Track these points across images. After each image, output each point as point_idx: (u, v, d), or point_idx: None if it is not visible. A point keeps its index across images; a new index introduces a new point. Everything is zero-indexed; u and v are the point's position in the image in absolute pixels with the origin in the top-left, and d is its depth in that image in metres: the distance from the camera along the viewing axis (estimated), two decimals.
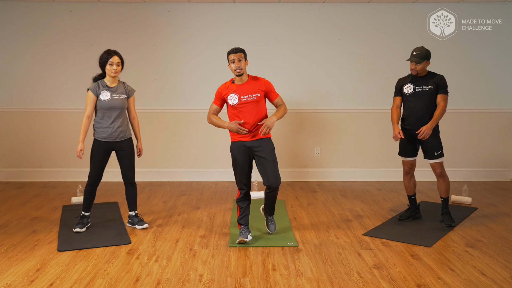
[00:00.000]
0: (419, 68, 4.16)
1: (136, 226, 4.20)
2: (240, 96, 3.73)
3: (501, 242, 3.84)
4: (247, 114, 3.73)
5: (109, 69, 3.98)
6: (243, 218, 3.88)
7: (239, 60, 3.70)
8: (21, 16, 5.99)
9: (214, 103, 3.90)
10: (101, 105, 3.99)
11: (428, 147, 4.22)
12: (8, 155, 6.20)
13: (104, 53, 3.99)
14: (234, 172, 3.91)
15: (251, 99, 3.73)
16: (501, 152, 6.26)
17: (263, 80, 3.83)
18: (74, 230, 4.05)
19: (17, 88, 6.09)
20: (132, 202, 4.24)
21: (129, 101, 4.16)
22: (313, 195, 5.50)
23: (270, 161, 3.75)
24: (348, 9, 6.05)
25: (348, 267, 3.33)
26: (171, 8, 6.03)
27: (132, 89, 4.20)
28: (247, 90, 3.75)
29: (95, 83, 4.03)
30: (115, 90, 4.03)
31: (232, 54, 3.72)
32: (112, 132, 4.03)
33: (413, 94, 4.22)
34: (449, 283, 3.05)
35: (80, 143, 4.00)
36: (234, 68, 3.71)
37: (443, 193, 4.32)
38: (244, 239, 3.77)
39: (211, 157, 6.24)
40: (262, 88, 3.79)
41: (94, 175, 4.07)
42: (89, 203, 4.14)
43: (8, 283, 3.05)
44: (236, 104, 3.74)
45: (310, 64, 6.14)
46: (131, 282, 3.08)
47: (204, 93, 6.13)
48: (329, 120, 6.22)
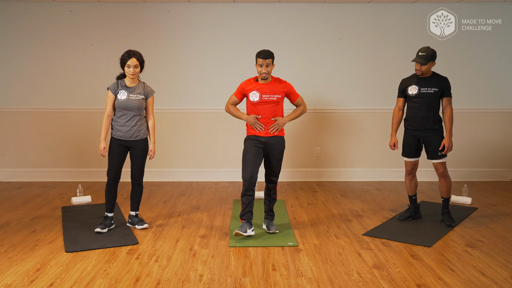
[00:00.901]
0: (424, 69, 4.16)
1: (136, 226, 4.19)
2: (261, 95, 3.90)
3: (501, 242, 3.84)
4: (265, 112, 3.91)
5: (126, 71, 3.99)
6: (246, 214, 3.91)
7: (267, 66, 3.85)
8: (21, 16, 5.99)
9: (235, 95, 4.05)
10: (118, 104, 4.01)
11: (432, 147, 4.22)
12: (8, 155, 6.20)
13: (124, 54, 3.99)
14: (242, 163, 3.94)
15: (272, 99, 3.91)
16: (501, 152, 6.27)
17: (285, 83, 4.02)
18: (95, 230, 4.01)
19: (17, 88, 6.10)
20: (135, 202, 4.23)
21: (147, 102, 4.14)
22: (313, 195, 5.51)
23: (278, 160, 3.98)
24: (348, 9, 6.05)
25: (348, 267, 3.33)
26: (171, 8, 6.03)
27: (152, 90, 4.18)
28: (270, 90, 3.92)
29: (115, 82, 4.06)
30: (133, 90, 4.04)
31: (261, 58, 3.84)
32: (127, 131, 4.03)
33: (417, 96, 4.21)
34: (449, 283, 3.05)
35: (102, 141, 4.04)
36: (260, 72, 3.88)
37: (444, 193, 4.32)
38: (240, 232, 3.81)
39: (211, 157, 6.25)
40: (283, 90, 3.97)
41: (112, 173, 4.06)
42: (111, 202, 4.11)
43: (8, 283, 3.05)
44: (256, 102, 3.91)
45: (310, 64, 6.14)
46: (131, 282, 3.08)
47: (204, 93, 6.14)
48: (329, 120, 6.22)
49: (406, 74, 6.40)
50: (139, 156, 4.14)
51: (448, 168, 4.70)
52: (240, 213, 3.97)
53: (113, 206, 4.14)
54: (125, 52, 4.01)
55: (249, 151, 3.90)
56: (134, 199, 4.23)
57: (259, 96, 3.89)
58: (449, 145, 4.15)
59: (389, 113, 6.17)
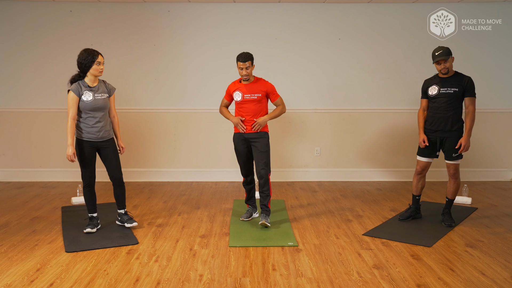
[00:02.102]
0: (448, 65, 4.10)
1: (126, 224, 4.18)
2: (243, 94, 4.23)
3: (501, 242, 3.84)
4: (248, 110, 4.24)
5: (96, 68, 3.88)
6: (250, 199, 4.52)
7: (246, 68, 4.15)
8: (21, 16, 5.99)
9: (225, 97, 4.45)
10: (84, 106, 3.90)
11: (449, 147, 4.18)
12: (8, 155, 6.20)
13: (86, 54, 3.86)
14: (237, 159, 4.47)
15: (253, 98, 4.22)
16: (501, 152, 6.27)
17: (266, 83, 4.29)
18: (84, 231, 4.01)
19: (17, 88, 6.10)
20: (121, 201, 4.20)
21: (110, 99, 4.07)
22: (313, 195, 5.50)
23: (262, 151, 4.23)
24: (348, 9, 6.05)
25: (348, 267, 3.33)
26: (171, 8, 6.03)
27: (113, 87, 4.12)
28: (251, 89, 4.23)
29: (76, 84, 3.90)
30: (96, 90, 3.95)
31: (240, 62, 4.13)
32: (97, 132, 3.95)
33: (437, 96, 4.17)
34: (449, 283, 3.05)
35: (70, 146, 3.86)
36: (241, 74, 4.18)
37: (450, 194, 4.31)
38: (243, 219, 4.41)
39: (211, 157, 6.25)
40: (264, 89, 4.25)
41: (87, 176, 4.02)
42: (92, 203, 4.11)
43: (8, 283, 3.05)
44: (239, 101, 4.25)
45: (310, 64, 6.14)
46: (131, 282, 3.08)
47: (204, 93, 6.13)
48: (329, 120, 6.22)
49: (406, 74, 6.41)
50: (113, 155, 4.07)
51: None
52: (245, 200, 4.55)
53: (96, 207, 4.15)
54: (86, 53, 3.86)
55: (238, 152, 4.37)
56: (119, 198, 4.19)
57: (241, 96, 4.22)
58: (466, 144, 4.09)
59: (389, 113, 6.21)
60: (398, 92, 6.15)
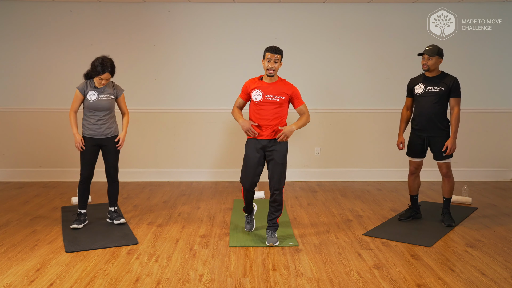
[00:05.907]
0: (431, 63, 4.09)
1: (114, 221, 4.26)
2: (264, 94, 3.69)
3: (501, 242, 3.84)
4: (267, 113, 3.69)
5: (97, 81, 4.02)
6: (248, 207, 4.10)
7: (274, 61, 3.64)
8: (21, 16, 5.99)
9: (240, 96, 3.87)
10: (87, 104, 4.05)
11: (436, 148, 4.19)
12: (8, 155, 6.20)
13: (99, 65, 3.91)
14: (242, 169, 3.84)
15: (275, 99, 3.69)
16: (501, 152, 6.27)
17: (291, 85, 3.77)
18: (71, 227, 4.10)
19: (17, 88, 6.10)
20: (113, 199, 4.30)
21: (119, 100, 4.19)
22: (313, 195, 5.50)
23: (278, 163, 3.72)
24: (348, 9, 6.05)
25: (348, 267, 3.33)
26: (171, 8, 6.03)
27: (121, 89, 4.20)
28: (273, 90, 3.70)
29: (84, 83, 4.06)
30: (102, 91, 4.06)
31: (270, 52, 3.63)
32: (97, 129, 4.07)
33: (423, 94, 4.17)
34: (449, 283, 3.05)
35: (75, 135, 4.04)
36: (267, 67, 3.66)
37: (446, 194, 4.31)
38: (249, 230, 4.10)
39: (211, 157, 6.25)
40: (288, 92, 3.73)
41: (85, 171, 4.12)
42: (84, 200, 4.19)
43: (8, 283, 3.05)
44: (259, 101, 3.70)
45: (310, 64, 6.14)
46: (131, 282, 3.08)
47: (204, 93, 6.13)
48: (329, 120, 6.22)
49: (406, 74, 6.40)
50: (112, 153, 4.17)
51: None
52: (243, 208, 4.13)
53: (86, 203, 4.22)
54: (99, 63, 3.91)
55: (250, 160, 3.75)
56: (112, 196, 4.29)
57: (262, 95, 3.68)
58: (452, 146, 4.10)
59: (389, 113, 6.21)
60: (398, 92, 6.13)
